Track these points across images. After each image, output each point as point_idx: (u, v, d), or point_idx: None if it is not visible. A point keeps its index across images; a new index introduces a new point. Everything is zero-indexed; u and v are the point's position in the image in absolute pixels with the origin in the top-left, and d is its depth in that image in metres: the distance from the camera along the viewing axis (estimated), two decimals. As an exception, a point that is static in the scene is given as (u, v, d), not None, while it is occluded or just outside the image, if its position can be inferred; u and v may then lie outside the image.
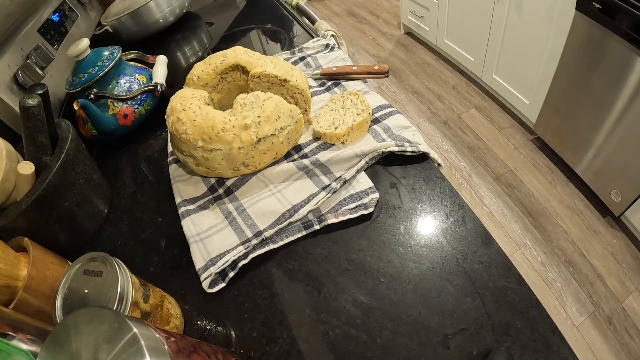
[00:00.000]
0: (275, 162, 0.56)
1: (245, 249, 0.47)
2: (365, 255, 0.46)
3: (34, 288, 0.41)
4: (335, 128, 0.55)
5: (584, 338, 1.18)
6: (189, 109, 0.51)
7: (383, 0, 2.99)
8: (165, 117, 0.54)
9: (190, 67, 0.60)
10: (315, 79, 0.70)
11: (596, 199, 1.44)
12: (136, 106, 0.70)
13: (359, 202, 0.49)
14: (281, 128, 0.52)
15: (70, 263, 0.40)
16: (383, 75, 0.65)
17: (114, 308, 0.33)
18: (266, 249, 0.47)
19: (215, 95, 0.60)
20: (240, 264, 0.46)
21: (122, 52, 0.73)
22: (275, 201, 0.51)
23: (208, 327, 0.43)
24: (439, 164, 0.54)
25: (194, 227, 0.51)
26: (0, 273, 0.40)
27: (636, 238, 1.34)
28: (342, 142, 0.55)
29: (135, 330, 0.23)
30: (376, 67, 0.65)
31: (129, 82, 0.71)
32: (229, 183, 0.55)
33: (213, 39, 0.99)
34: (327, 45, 0.77)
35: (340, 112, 0.58)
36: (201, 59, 0.61)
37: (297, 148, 0.57)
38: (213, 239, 0.49)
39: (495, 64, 1.76)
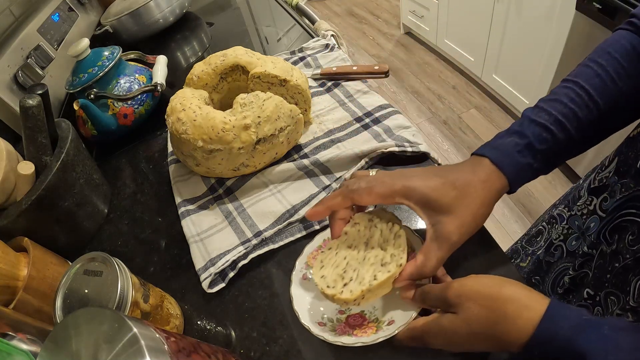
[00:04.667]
0: (275, 162, 0.56)
1: (245, 249, 0.47)
2: (365, 255, 0.45)
3: (34, 288, 0.41)
4: (345, 284, 0.36)
5: (584, 338, 1.18)
6: (189, 109, 0.51)
7: (383, 0, 2.99)
8: (165, 117, 0.54)
9: (190, 67, 0.60)
10: (315, 79, 0.70)
11: (596, 199, 1.44)
12: (136, 106, 0.70)
13: (359, 202, 0.49)
14: (281, 128, 0.52)
15: (70, 263, 0.40)
16: (383, 76, 0.65)
17: (114, 308, 0.33)
18: (266, 249, 0.47)
19: (215, 95, 0.60)
20: (240, 264, 0.46)
21: (122, 52, 0.73)
22: (275, 201, 0.51)
23: (208, 327, 0.43)
24: (439, 164, 0.54)
25: (194, 227, 0.51)
26: (0, 273, 0.40)
27: (636, 238, 1.33)
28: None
29: (135, 330, 0.23)
30: (376, 67, 0.65)
31: (129, 82, 0.71)
32: (229, 183, 0.55)
33: (213, 39, 0.99)
34: (327, 45, 0.77)
35: (361, 252, 0.38)
36: (201, 59, 0.61)
37: (297, 148, 0.57)
38: (213, 239, 0.49)
39: (495, 64, 1.76)
